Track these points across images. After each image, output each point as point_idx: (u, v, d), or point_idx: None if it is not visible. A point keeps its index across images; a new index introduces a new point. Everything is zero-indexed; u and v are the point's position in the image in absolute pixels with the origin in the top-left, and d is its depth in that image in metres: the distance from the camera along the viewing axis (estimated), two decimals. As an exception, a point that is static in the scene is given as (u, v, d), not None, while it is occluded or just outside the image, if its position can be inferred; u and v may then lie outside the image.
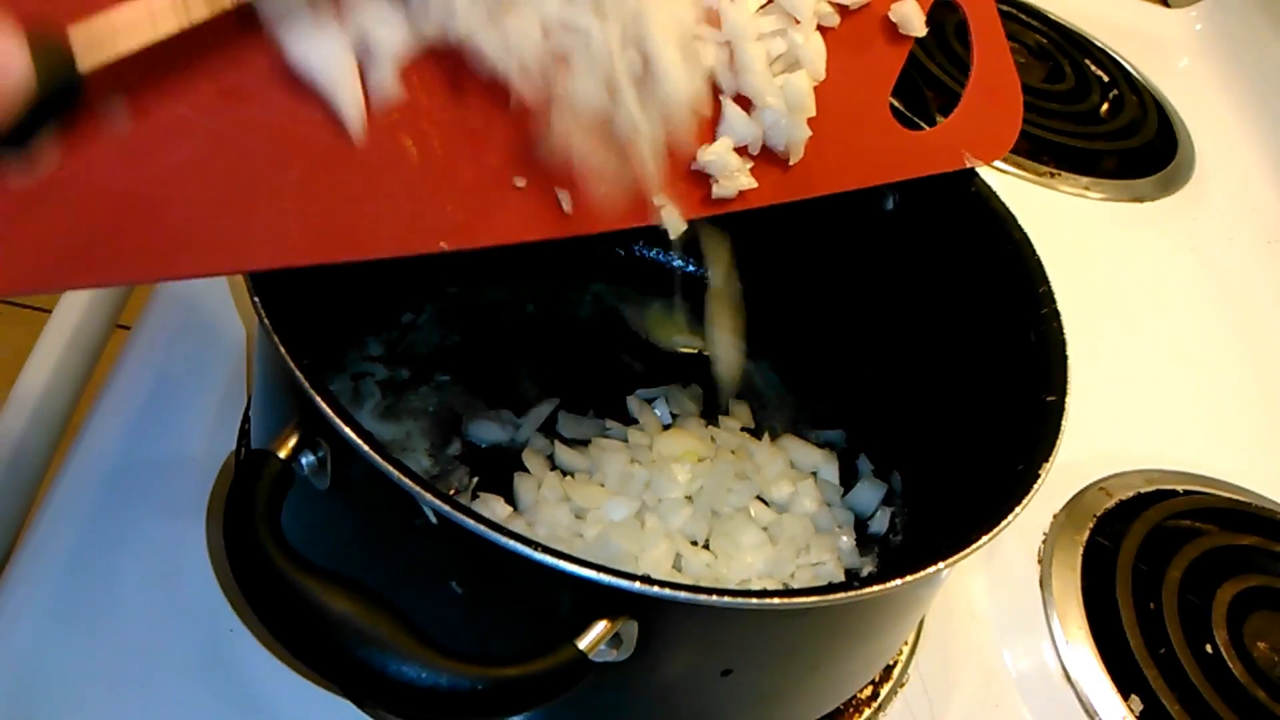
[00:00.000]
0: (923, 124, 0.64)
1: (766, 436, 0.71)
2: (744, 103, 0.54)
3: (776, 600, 0.45)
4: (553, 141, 0.48)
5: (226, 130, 0.42)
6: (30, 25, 0.35)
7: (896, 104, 0.62)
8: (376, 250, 0.46)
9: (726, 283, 0.71)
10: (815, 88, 0.56)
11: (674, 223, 0.53)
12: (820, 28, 0.57)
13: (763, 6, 0.55)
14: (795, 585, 0.63)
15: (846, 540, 0.66)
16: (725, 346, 0.71)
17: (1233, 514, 0.77)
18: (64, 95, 0.36)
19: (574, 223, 0.50)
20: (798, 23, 0.55)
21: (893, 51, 0.61)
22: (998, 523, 0.48)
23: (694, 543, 0.63)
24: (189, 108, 0.41)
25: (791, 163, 0.57)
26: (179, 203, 0.41)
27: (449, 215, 0.47)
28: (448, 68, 0.47)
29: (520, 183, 0.49)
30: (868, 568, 0.66)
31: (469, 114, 0.48)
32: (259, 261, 0.44)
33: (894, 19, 0.60)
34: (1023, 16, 1.23)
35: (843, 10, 0.58)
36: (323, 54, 0.43)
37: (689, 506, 0.64)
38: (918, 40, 0.61)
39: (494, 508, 0.63)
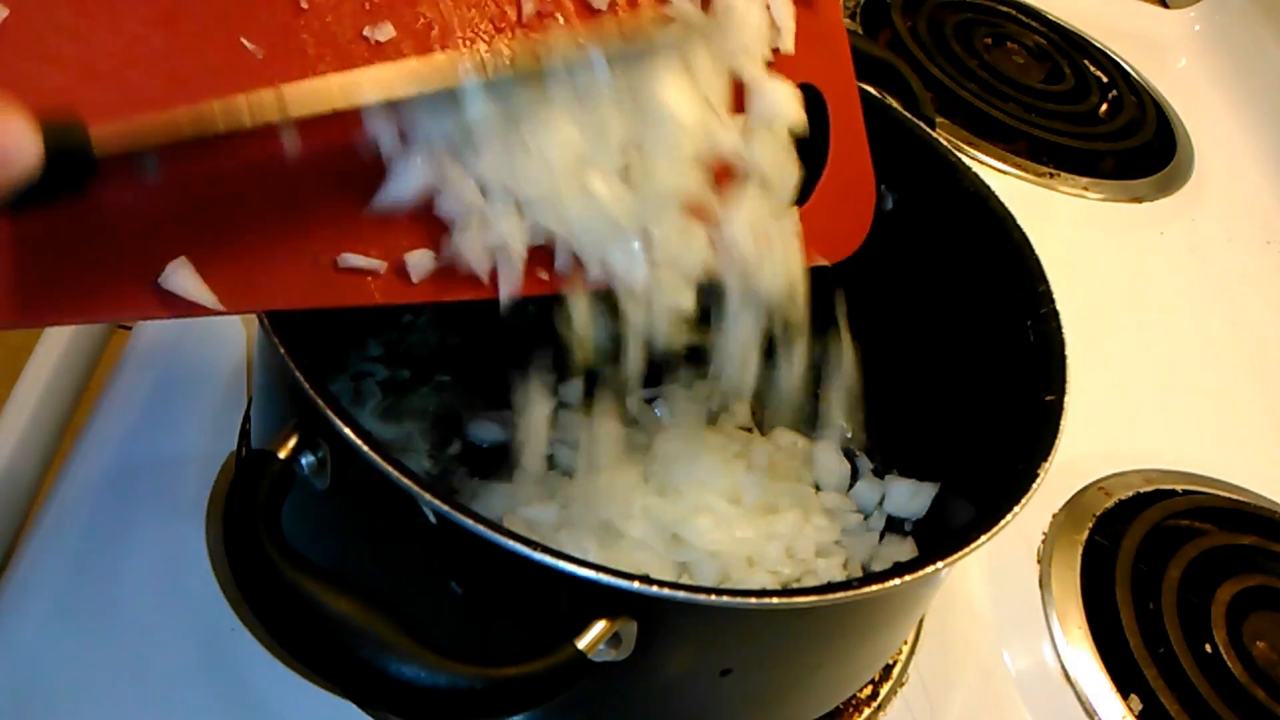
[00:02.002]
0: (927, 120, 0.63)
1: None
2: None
3: (776, 600, 0.45)
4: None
5: None
6: (47, 108, 0.36)
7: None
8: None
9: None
10: None
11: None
12: None
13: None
14: (803, 550, 0.63)
15: (854, 525, 0.66)
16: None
17: (1232, 513, 0.77)
18: (75, 176, 0.37)
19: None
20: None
21: None
22: (997, 522, 0.49)
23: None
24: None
25: None
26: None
27: None
28: None
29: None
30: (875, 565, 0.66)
31: None
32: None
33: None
34: (1022, 17, 1.23)
35: None
36: None
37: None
38: (918, 42, 0.61)
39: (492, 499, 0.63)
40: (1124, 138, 1.11)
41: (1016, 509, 0.49)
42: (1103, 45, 1.24)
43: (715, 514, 0.63)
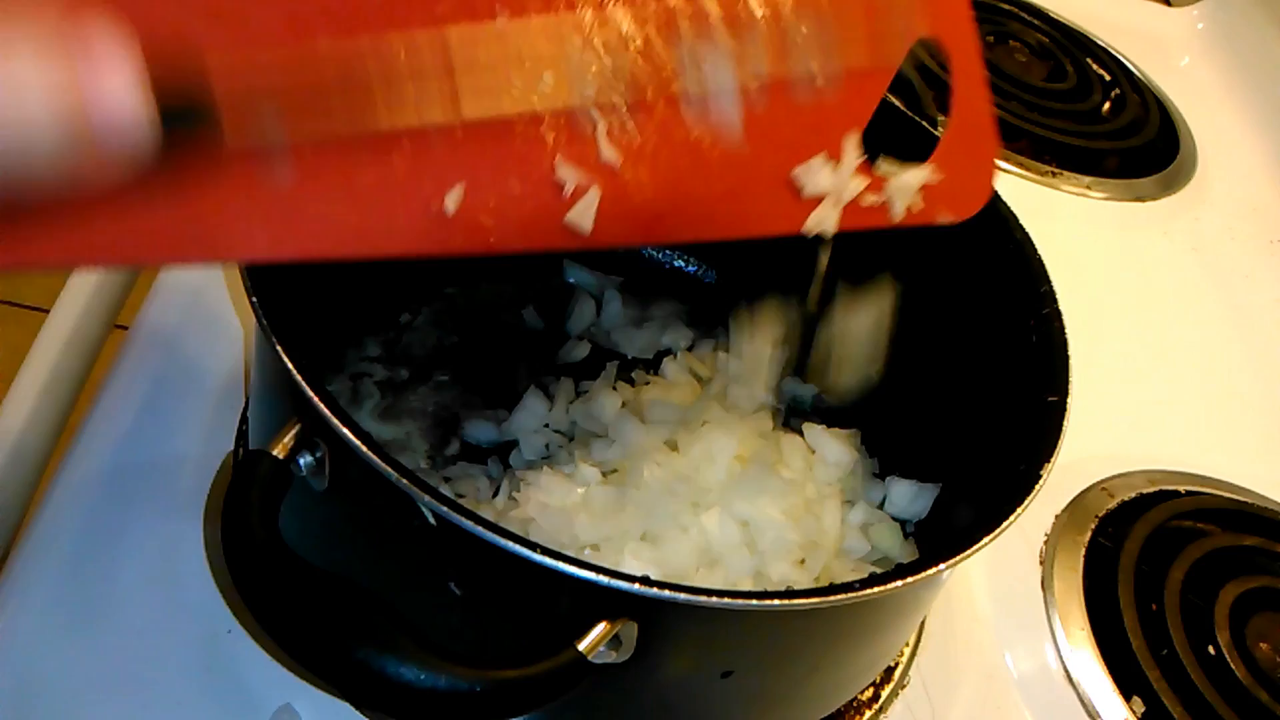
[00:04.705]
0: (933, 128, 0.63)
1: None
2: None
3: (777, 601, 0.45)
4: None
5: None
6: (154, 55, 0.32)
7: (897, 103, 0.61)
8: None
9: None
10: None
11: None
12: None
13: None
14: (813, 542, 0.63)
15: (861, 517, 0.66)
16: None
17: (1235, 514, 0.77)
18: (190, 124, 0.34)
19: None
20: None
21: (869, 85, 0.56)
22: (999, 523, 0.48)
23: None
24: None
25: None
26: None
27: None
28: None
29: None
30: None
31: None
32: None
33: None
34: (1024, 15, 1.23)
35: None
36: None
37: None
38: (919, 39, 0.60)
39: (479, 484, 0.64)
40: (1127, 136, 1.11)
41: (1019, 510, 0.49)
42: (1105, 43, 1.24)
43: (728, 514, 0.63)
